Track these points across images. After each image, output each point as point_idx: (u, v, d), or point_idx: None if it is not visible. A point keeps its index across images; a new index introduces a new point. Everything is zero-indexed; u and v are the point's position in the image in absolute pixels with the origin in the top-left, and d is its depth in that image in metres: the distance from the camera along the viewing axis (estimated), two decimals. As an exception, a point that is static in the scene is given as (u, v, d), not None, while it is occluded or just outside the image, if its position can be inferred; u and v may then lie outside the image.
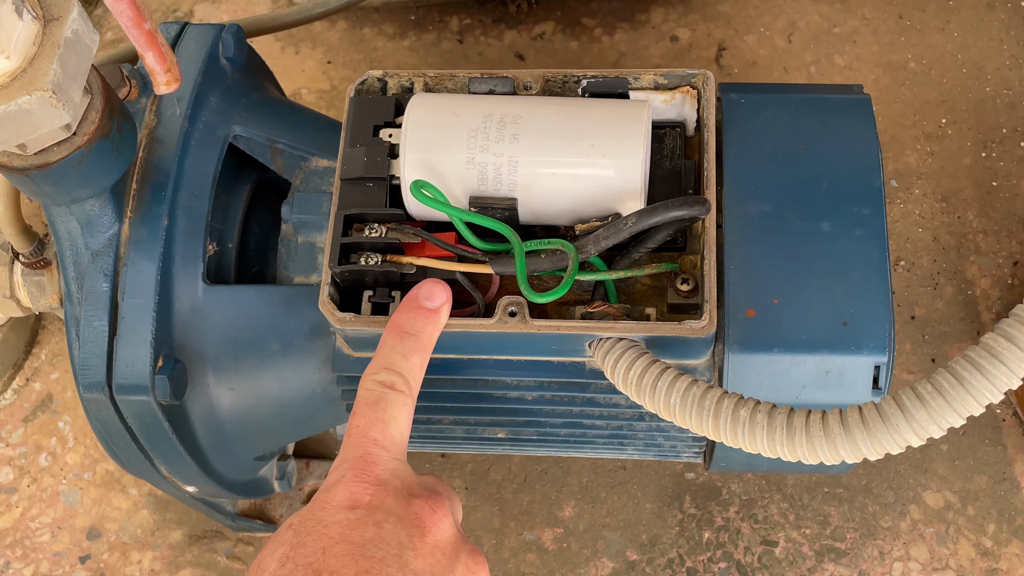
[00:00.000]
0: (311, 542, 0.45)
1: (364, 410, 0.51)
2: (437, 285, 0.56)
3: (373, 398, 0.51)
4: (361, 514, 0.46)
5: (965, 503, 0.84)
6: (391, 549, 0.45)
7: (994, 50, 0.99)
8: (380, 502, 0.47)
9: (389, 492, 0.48)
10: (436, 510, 0.48)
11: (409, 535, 0.46)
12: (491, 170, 0.57)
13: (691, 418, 0.53)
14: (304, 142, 0.69)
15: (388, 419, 0.51)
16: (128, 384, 0.62)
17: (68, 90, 0.51)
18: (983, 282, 0.91)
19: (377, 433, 0.50)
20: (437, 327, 0.55)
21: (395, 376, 0.52)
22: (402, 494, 0.48)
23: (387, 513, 0.47)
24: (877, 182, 0.61)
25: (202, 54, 0.67)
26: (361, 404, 0.51)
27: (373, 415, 0.51)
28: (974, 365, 0.47)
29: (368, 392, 0.52)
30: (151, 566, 0.87)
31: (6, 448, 0.92)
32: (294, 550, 0.45)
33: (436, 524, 0.48)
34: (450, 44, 1.04)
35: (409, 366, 0.53)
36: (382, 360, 0.53)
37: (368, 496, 0.47)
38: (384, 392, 0.51)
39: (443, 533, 0.48)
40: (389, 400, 0.51)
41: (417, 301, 0.55)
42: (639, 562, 0.84)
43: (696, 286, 0.58)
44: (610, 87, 0.62)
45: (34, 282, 0.72)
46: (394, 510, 0.47)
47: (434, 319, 0.55)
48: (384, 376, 0.52)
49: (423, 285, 0.56)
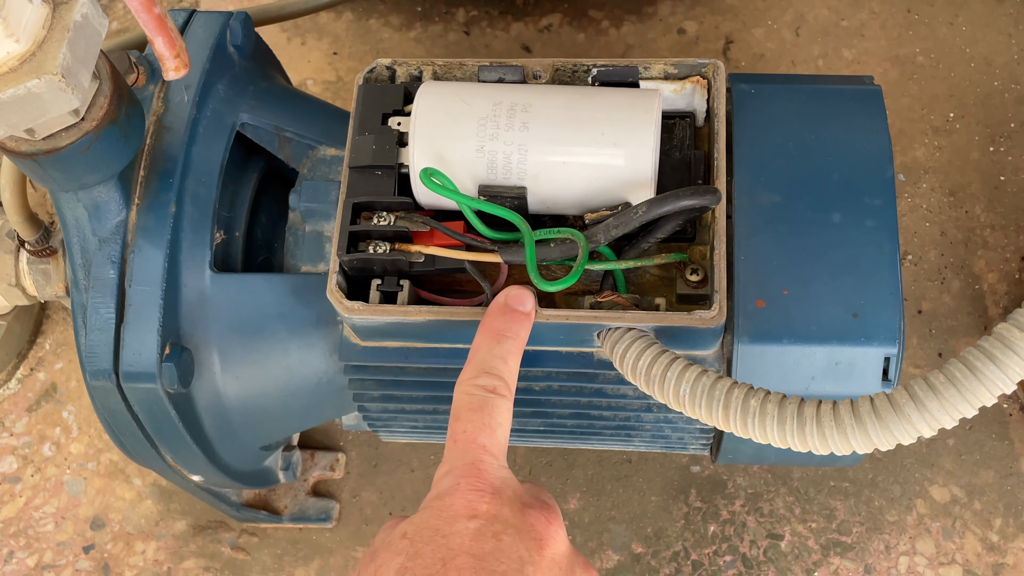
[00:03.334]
0: (429, 552, 0.44)
1: (469, 415, 0.49)
2: (524, 290, 0.56)
3: (477, 403, 0.50)
4: (480, 524, 0.45)
5: (971, 497, 0.84)
6: (512, 563, 0.44)
7: (1002, 44, 0.99)
8: (497, 512, 0.46)
9: (505, 502, 0.46)
10: (551, 521, 0.47)
11: (528, 548, 0.45)
12: (500, 159, 0.57)
13: (701, 408, 0.52)
14: (312, 130, 0.68)
15: (494, 425, 0.49)
16: (135, 372, 0.61)
17: (77, 74, 0.50)
18: (990, 276, 0.90)
19: (485, 439, 0.49)
20: (528, 331, 0.55)
21: (496, 380, 0.51)
22: (517, 504, 0.47)
23: (505, 524, 0.45)
24: (888, 173, 0.61)
25: (210, 41, 0.67)
26: (464, 409, 0.50)
27: (479, 420, 0.49)
28: (987, 355, 0.47)
29: (470, 397, 0.50)
30: (155, 556, 0.87)
31: (10, 438, 0.92)
32: (411, 560, 0.44)
33: (552, 536, 0.46)
34: (456, 36, 1.04)
35: (508, 369, 0.52)
36: (480, 364, 0.52)
37: (486, 505, 0.46)
38: (487, 396, 0.50)
39: (559, 546, 0.47)
40: (493, 405, 0.50)
41: (508, 305, 0.55)
42: (644, 555, 0.84)
43: (706, 276, 0.58)
44: (620, 76, 0.61)
45: (40, 270, 0.72)
46: (512, 521, 0.46)
47: (527, 322, 0.55)
48: (486, 380, 0.51)
49: (511, 290, 0.56)
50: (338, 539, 0.86)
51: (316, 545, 0.86)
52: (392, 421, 0.70)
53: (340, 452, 0.89)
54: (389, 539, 0.46)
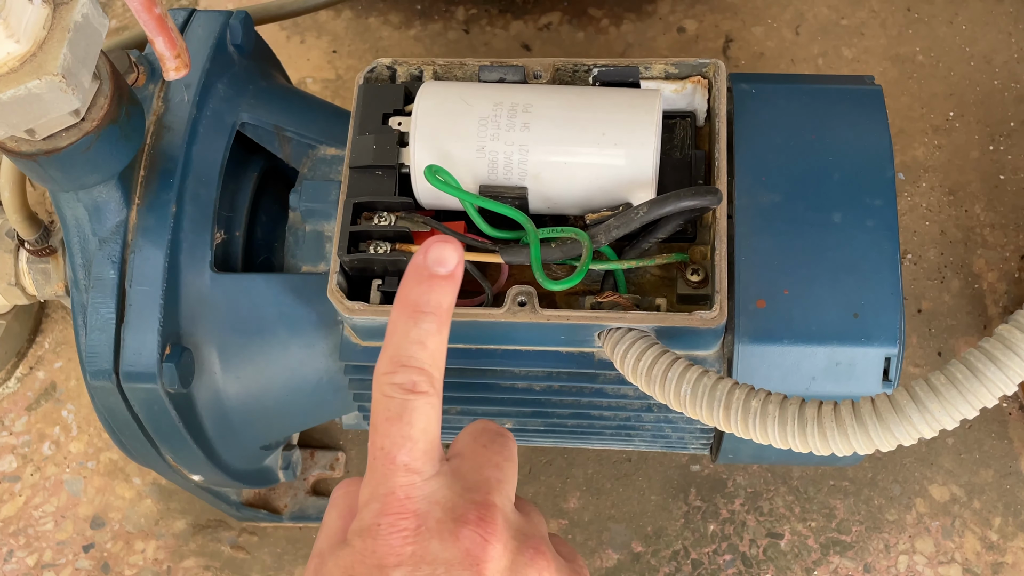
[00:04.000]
0: None
1: (385, 427, 0.42)
2: (447, 244, 0.45)
3: (395, 410, 0.42)
4: (405, 572, 0.40)
5: (971, 497, 0.84)
6: None
7: (1002, 43, 0.99)
8: (424, 551, 0.41)
9: (432, 532, 0.41)
10: (487, 534, 0.42)
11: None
12: (501, 159, 0.57)
13: (701, 409, 0.52)
14: (312, 130, 0.68)
15: (415, 434, 0.42)
16: (135, 372, 0.61)
17: (78, 75, 0.50)
18: (990, 276, 0.91)
19: (405, 455, 0.42)
20: (454, 295, 0.45)
21: (415, 374, 0.43)
22: (446, 526, 0.42)
23: (434, 564, 0.41)
24: (889, 173, 0.61)
25: (210, 40, 0.67)
26: (381, 419, 0.43)
27: (397, 432, 0.42)
28: (988, 356, 0.47)
29: (388, 401, 0.43)
30: (155, 555, 0.87)
31: (9, 436, 0.92)
32: None
33: (488, 556, 0.42)
34: (456, 34, 1.04)
35: (430, 355, 0.43)
36: (395, 353, 0.43)
37: (410, 546, 0.41)
38: (406, 400, 0.42)
39: (498, 562, 0.42)
40: (413, 408, 0.42)
41: (427, 268, 0.44)
42: (644, 554, 0.84)
43: (706, 276, 0.58)
44: (621, 76, 0.61)
45: (39, 269, 0.72)
46: (441, 556, 0.41)
47: (450, 286, 0.45)
48: (403, 377, 0.43)
49: (430, 247, 0.45)
50: (338, 538, 0.86)
51: (316, 544, 0.86)
52: (392, 421, 0.70)
53: (340, 451, 0.89)
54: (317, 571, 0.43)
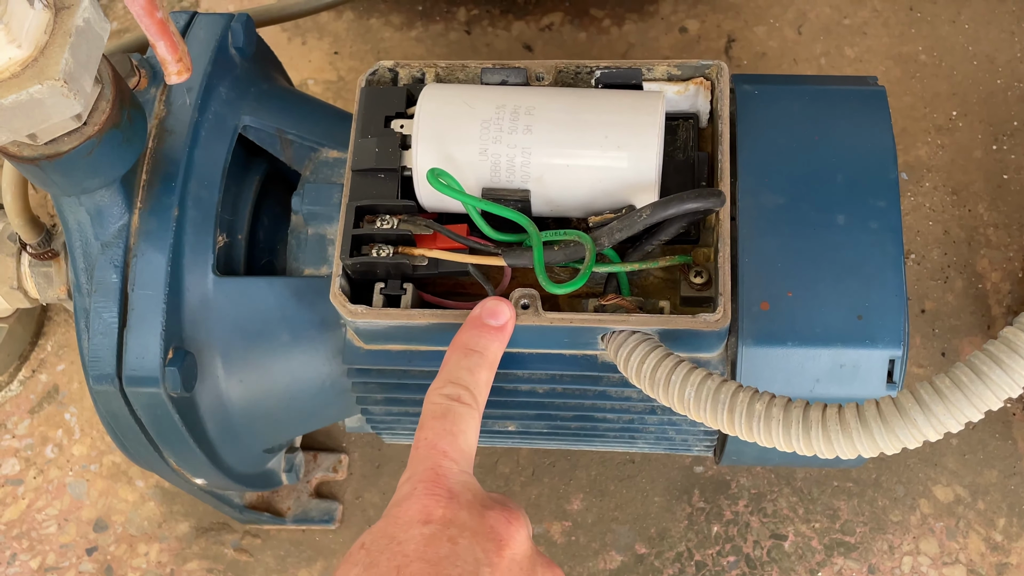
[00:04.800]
0: (384, 561, 0.44)
1: (432, 423, 0.50)
2: (501, 303, 0.55)
3: (440, 411, 0.51)
4: (435, 529, 0.45)
5: (975, 497, 0.84)
6: (468, 566, 0.44)
7: (1005, 42, 0.99)
8: (454, 516, 0.46)
9: (462, 505, 0.47)
10: (512, 521, 0.47)
11: (485, 550, 0.45)
12: (504, 161, 0.57)
13: (706, 412, 0.52)
14: (314, 133, 0.68)
15: (456, 432, 0.50)
16: (138, 376, 0.61)
17: (79, 79, 0.50)
18: (994, 276, 0.90)
19: (446, 445, 0.49)
20: (502, 344, 0.55)
21: (462, 390, 0.52)
22: (475, 506, 0.47)
23: (462, 528, 0.46)
24: (892, 174, 0.61)
25: (212, 44, 0.66)
26: (428, 417, 0.51)
27: (441, 427, 0.50)
28: (992, 359, 0.47)
29: (435, 405, 0.51)
30: (158, 558, 0.87)
31: (12, 440, 0.92)
32: (367, 570, 0.44)
33: (512, 537, 0.47)
34: (458, 35, 1.04)
35: (475, 381, 0.52)
36: (448, 375, 0.52)
37: (441, 509, 0.46)
38: (451, 405, 0.51)
39: (519, 546, 0.47)
40: (456, 413, 0.51)
41: (481, 319, 0.55)
42: (648, 556, 0.84)
43: (710, 279, 0.58)
44: (624, 78, 0.61)
45: (41, 273, 0.72)
46: (469, 524, 0.46)
47: (499, 336, 0.55)
48: (451, 390, 0.52)
49: (487, 303, 0.55)
50: (341, 540, 0.86)
51: (319, 546, 0.86)
52: (395, 423, 0.70)
53: (343, 454, 0.89)
54: (350, 551, 0.46)
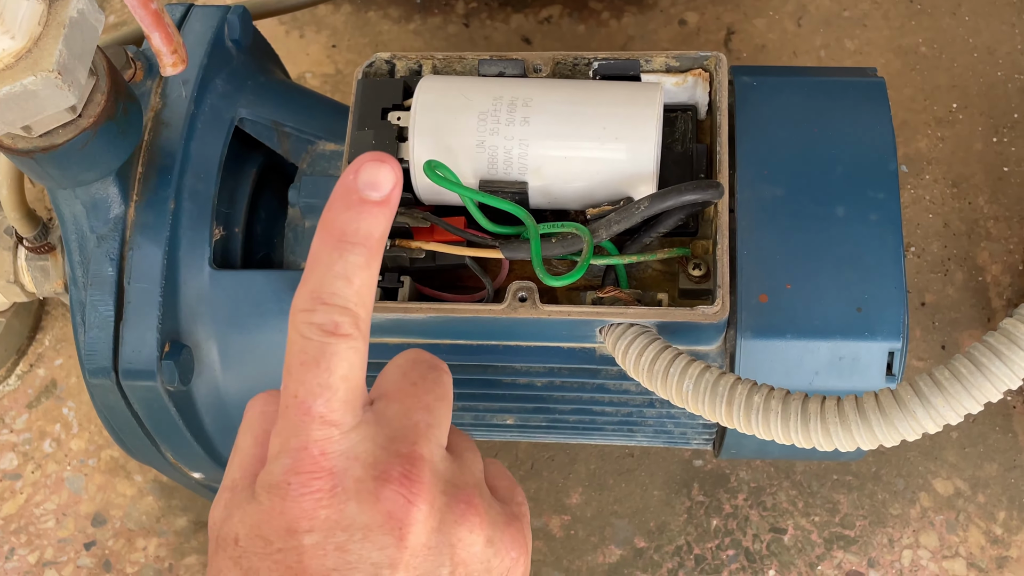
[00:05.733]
0: (265, 570, 0.37)
1: (300, 373, 0.38)
2: (382, 165, 0.39)
3: (312, 352, 0.37)
4: (319, 538, 0.37)
5: (975, 491, 0.84)
6: (363, 574, 0.37)
7: (1006, 34, 0.98)
8: (340, 515, 0.38)
9: (349, 494, 0.38)
10: (412, 494, 0.38)
11: (382, 547, 0.38)
12: (501, 153, 0.56)
13: (704, 404, 0.52)
14: (311, 125, 0.68)
15: (335, 382, 0.37)
16: (134, 369, 0.61)
17: (74, 71, 0.50)
18: (994, 268, 0.90)
19: (322, 406, 0.37)
20: (387, 224, 0.39)
21: (338, 313, 0.38)
22: (366, 486, 0.38)
23: (350, 528, 0.37)
24: (892, 166, 0.60)
25: (208, 36, 0.66)
26: (295, 362, 0.38)
27: (314, 380, 0.37)
28: (992, 351, 0.47)
29: (304, 342, 0.38)
30: (156, 552, 0.87)
31: (10, 434, 0.91)
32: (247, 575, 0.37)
33: (413, 519, 0.38)
34: (456, 28, 1.03)
35: (356, 292, 0.38)
36: (316, 288, 0.38)
37: (324, 509, 0.37)
38: (326, 343, 0.37)
39: (423, 524, 0.38)
40: (333, 353, 0.37)
41: (357, 190, 0.39)
42: (647, 549, 0.84)
43: (708, 271, 0.58)
44: (621, 69, 0.61)
45: (38, 267, 0.72)
46: (358, 520, 0.38)
47: (383, 213, 0.39)
48: (323, 316, 0.37)
49: (362, 166, 0.39)
50: (340, 534, 0.86)
51: (318, 541, 0.86)
52: (393, 417, 0.70)
53: (341, 447, 0.89)
54: (222, 534, 0.39)
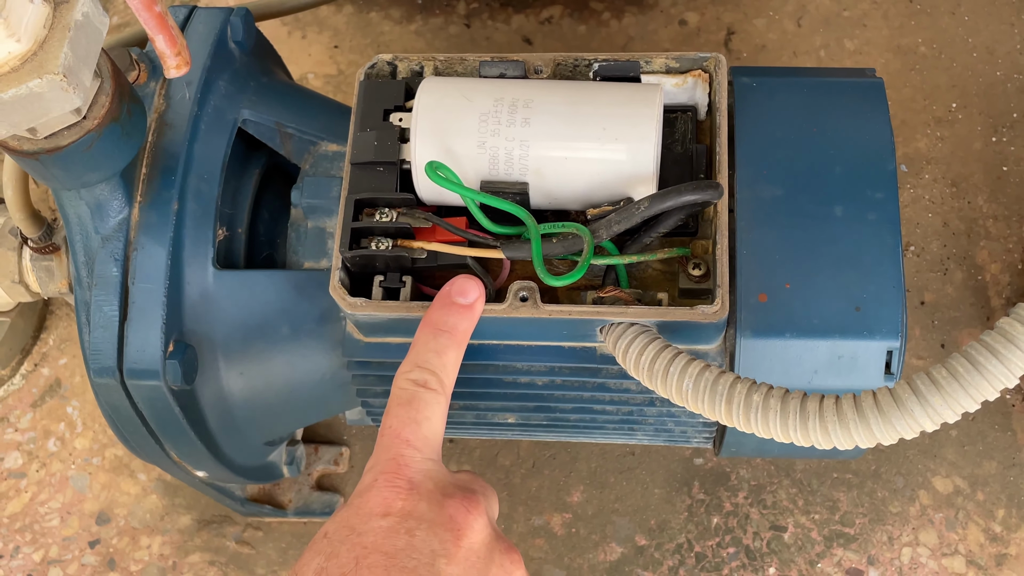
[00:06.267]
0: (345, 552, 0.46)
1: (397, 410, 0.51)
2: (470, 280, 0.55)
3: (406, 397, 0.51)
4: (393, 521, 0.47)
5: (974, 488, 0.84)
6: (424, 558, 0.45)
7: (1005, 34, 0.99)
8: (413, 508, 0.47)
9: (422, 496, 0.48)
10: (471, 510, 0.48)
11: (442, 541, 0.46)
12: (502, 154, 0.57)
13: (703, 403, 0.52)
14: (313, 126, 0.68)
15: (421, 419, 0.50)
16: (139, 369, 0.61)
17: (79, 73, 0.50)
18: (993, 267, 0.90)
19: (409, 434, 0.50)
20: (471, 322, 0.55)
21: (428, 374, 0.52)
22: (435, 496, 0.48)
23: (419, 520, 0.47)
24: (890, 166, 0.61)
25: (211, 38, 0.67)
26: (394, 404, 0.51)
27: (406, 415, 0.50)
28: (989, 350, 0.47)
29: (401, 391, 0.51)
30: (160, 551, 0.87)
31: (15, 433, 0.92)
32: (328, 560, 0.46)
33: (470, 526, 0.48)
34: (457, 28, 1.04)
35: (442, 363, 0.53)
36: (415, 358, 0.53)
37: (401, 501, 0.47)
38: (417, 391, 0.51)
39: (477, 535, 0.48)
40: (422, 399, 0.51)
41: (450, 297, 0.55)
42: (648, 547, 0.84)
43: (708, 271, 0.58)
44: (622, 71, 0.61)
45: (43, 267, 0.72)
46: (427, 515, 0.47)
47: (468, 314, 0.55)
48: (417, 375, 0.52)
49: (456, 281, 0.55)
50: (342, 533, 0.87)
51: (321, 539, 0.87)
52: (395, 416, 0.70)
53: (344, 446, 0.89)
54: (314, 539, 0.47)
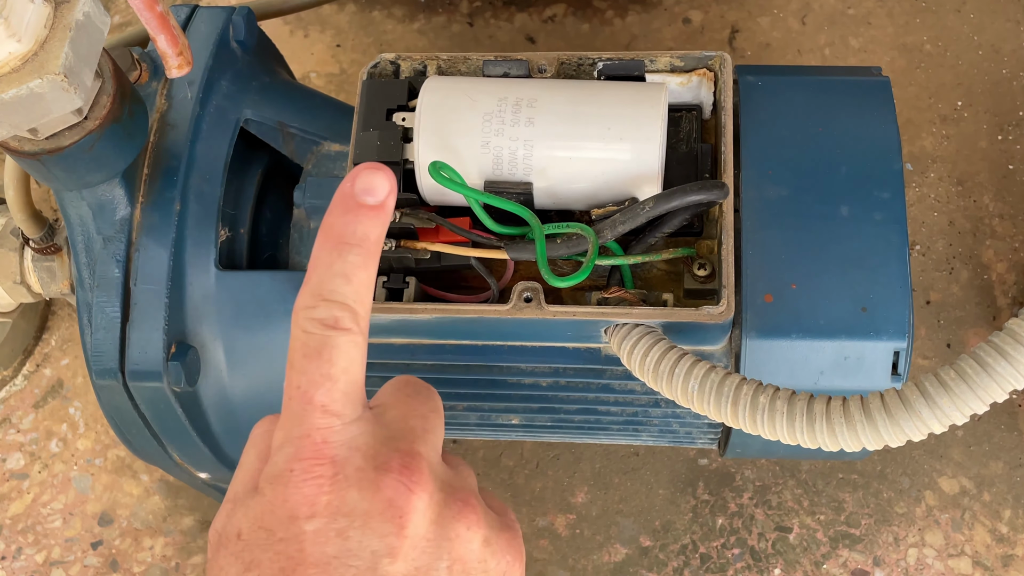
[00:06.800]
0: (267, 561, 0.38)
1: (303, 364, 0.39)
2: (378, 172, 0.42)
3: (314, 345, 0.39)
4: (320, 524, 0.38)
5: (981, 489, 0.84)
6: (364, 562, 0.38)
7: (1010, 31, 0.98)
8: (340, 501, 0.39)
9: (351, 481, 0.39)
10: (412, 484, 0.39)
11: (382, 536, 0.39)
12: (506, 154, 0.56)
13: (709, 405, 0.52)
14: (316, 126, 0.68)
15: (336, 372, 0.39)
16: (141, 370, 0.61)
17: (80, 74, 0.50)
18: (999, 266, 0.90)
19: (324, 396, 0.39)
20: (383, 227, 0.42)
21: (338, 308, 0.40)
22: (367, 475, 0.39)
23: (351, 516, 0.39)
24: (897, 166, 0.60)
25: (213, 37, 0.66)
26: (298, 354, 0.40)
27: (316, 370, 0.39)
28: (998, 351, 0.47)
29: (306, 336, 0.40)
30: (163, 552, 0.87)
31: (17, 434, 0.92)
32: (249, 570, 0.38)
33: (413, 507, 0.39)
34: (460, 27, 1.03)
35: (354, 290, 0.40)
36: (318, 287, 0.40)
37: (325, 496, 0.39)
38: (327, 335, 0.39)
39: (423, 515, 0.40)
40: (334, 345, 0.39)
41: (354, 196, 0.41)
42: (652, 548, 0.84)
43: (713, 271, 0.58)
44: (626, 70, 0.61)
45: (44, 268, 0.72)
46: (359, 507, 0.39)
47: (380, 216, 0.42)
48: (324, 311, 0.40)
49: (360, 173, 0.42)
50: (346, 534, 0.86)
51: (324, 540, 0.86)
52: (399, 417, 0.70)
53: (347, 447, 0.89)
54: (222, 533, 0.40)
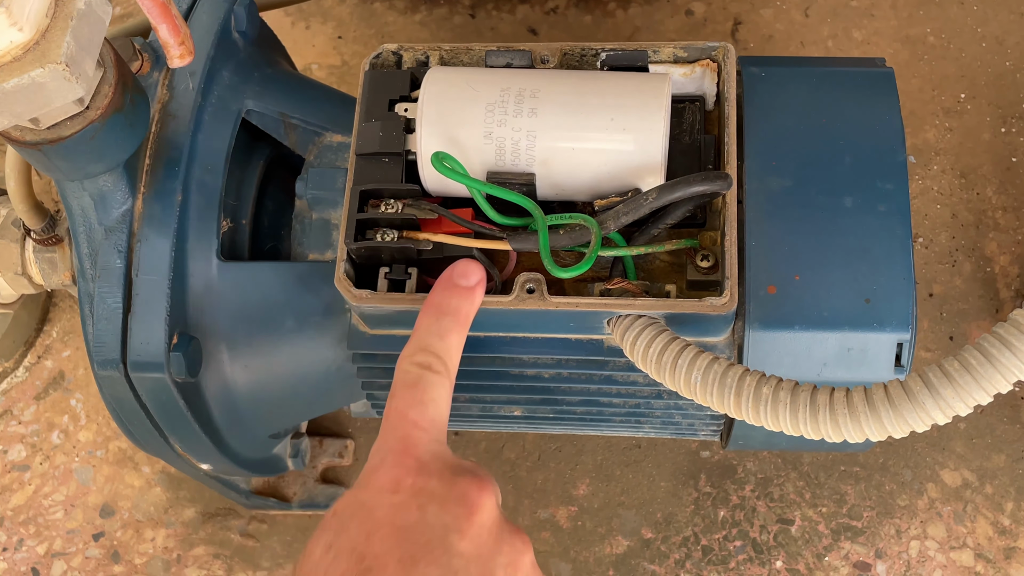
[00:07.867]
0: (355, 526, 0.45)
1: (402, 392, 0.51)
2: (472, 264, 0.55)
3: (411, 379, 0.51)
4: (404, 497, 0.46)
5: (983, 481, 0.84)
6: (436, 532, 0.45)
7: (1014, 23, 0.98)
8: (423, 484, 0.47)
9: (432, 474, 0.47)
10: (483, 488, 0.48)
11: (455, 516, 0.46)
12: (509, 145, 0.56)
13: (712, 396, 0.52)
14: (318, 117, 0.68)
15: (427, 400, 0.50)
16: (143, 361, 0.61)
17: (81, 63, 0.50)
18: (1002, 259, 0.90)
19: (416, 415, 0.49)
20: (473, 305, 0.55)
21: (432, 357, 0.51)
22: (446, 474, 0.48)
23: (430, 496, 0.46)
24: (900, 157, 0.60)
25: (214, 27, 0.66)
26: (399, 386, 0.51)
27: (411, 396, 0.50)
28: (1002, 342, 0.47)
29: (405, 374, 0.51)
30: (164, 543, 0.87)
31: (19, 426, 0.92)
32: (338, 536, 0.45)
33: (483, 503, 0.47)
34: (462, 18, 1.03)
35: (446, 346, 0.52)
36: (419, 341, 0.52)
37: (411, 479, 0.47)
38: (422, 373, 0.51)
39: (488, 513, 0.47)
40: (427, 381, 0.51)
41: (452, 280, 0.55)
42: (654, 540, 0.84)
43: (716, 262, 0.58)
44: (629, 60, 0.61)
45: (46, 259, 0.72)
46: (438, 492, 0.47)
47: (470, 297, 0.55)
48: (421, 357, 0.51)
49: (457, 264, 0.55)
50: (347, 526, 0.86)
51: (325, 532, 0.86)
52: (401, 409, 0.70)
53: (349, 439, 0.89)
54: (324, 518, 0.47)
